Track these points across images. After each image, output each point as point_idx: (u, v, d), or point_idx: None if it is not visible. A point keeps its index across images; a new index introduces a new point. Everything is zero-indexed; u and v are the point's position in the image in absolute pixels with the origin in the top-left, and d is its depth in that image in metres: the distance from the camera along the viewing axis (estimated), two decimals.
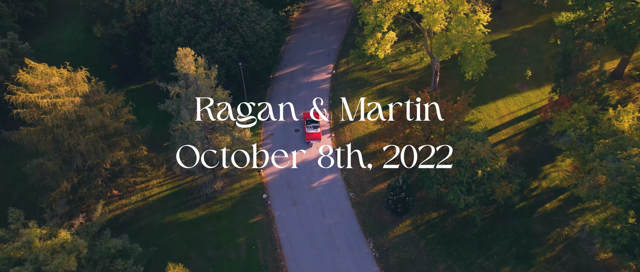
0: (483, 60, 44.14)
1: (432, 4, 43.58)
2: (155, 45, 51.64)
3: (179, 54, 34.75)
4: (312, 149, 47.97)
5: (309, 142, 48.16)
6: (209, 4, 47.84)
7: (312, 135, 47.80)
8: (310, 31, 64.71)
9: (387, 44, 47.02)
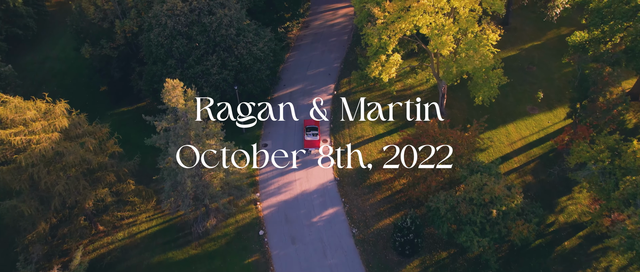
0: (495, 86, 40.61)
1: (440, 26, 40.11)
2: (146, 67, 48.17)
3: (167, 86, 31.23)
4: (311, 179, 44.39)
5: (308, 150, 46.51)
6: (202, 25, 44.37)
7: (311, 142, 46.40)
8: (310, 48, 61.26)
9: (392, 68, 43.49)
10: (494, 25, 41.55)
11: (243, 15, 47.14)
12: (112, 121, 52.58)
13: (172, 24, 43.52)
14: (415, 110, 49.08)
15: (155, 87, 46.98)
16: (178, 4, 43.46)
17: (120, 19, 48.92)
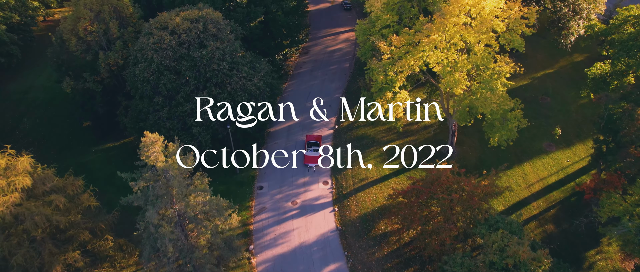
0: (514, 129, 36.12)
1: (453, 62, 35.76)
2: (133, 102, 43.78)
3: (145, 142, 26.65)
4: (310, 228, 39.64)
5: (307, 166, 44.63)
6: (192, 59, 40.02)
7: (311, 158, 44.63)
8: (310, 77, 56.95)
9: (399, 107, 39.07)
10: (507, 57, 37.16)
11: (237, 46, 42.86)
12: (97, 158, 48.12)
13: (159, 59, 39.14)
14: (416, 109, 43.80)
15: (141, 126, 42.49)
16: (166, 37, 39.14)
17: (105, 50, 44.60)
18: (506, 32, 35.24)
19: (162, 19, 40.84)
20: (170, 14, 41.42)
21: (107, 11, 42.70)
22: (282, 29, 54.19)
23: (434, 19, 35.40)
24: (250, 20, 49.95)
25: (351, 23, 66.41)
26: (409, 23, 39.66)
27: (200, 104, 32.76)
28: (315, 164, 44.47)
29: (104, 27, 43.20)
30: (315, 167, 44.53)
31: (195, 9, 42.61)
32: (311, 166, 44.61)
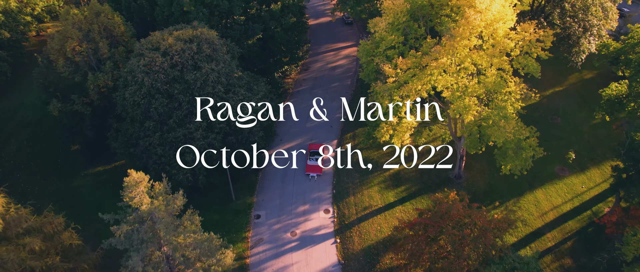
0: (529, 159, 33.38)
1: (463, 87, 33.11)
2: (124, 125, 41.11)
3: (128, 182, 23.92)
4: (311, 262, 36.70)
5: (309, 175, 43.38)
6: (185, 82, 37.39)
7: (312, 167, 43.55)
8: (310, 95, 54.31)
9: (405, 133, 36.38)
10: (516, 77, 34.52)
11: (233, 67, 40.29)
12: (86, 183, 45.33)
13: (150, 82, 36.49)
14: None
15: (131, 151, 39.81)
16: (157, 59, 36.52)
17: (95, 70, 41.98)
18: (520, 56, 32.64)
19: (153, 39, 38.30)
20: (162, 33, 38.89)
21: (96, 30, 40.17)
22: (281, 46, 51.74)
23: (443, 42, 32.85)
24: (248, 38, 47.49)
25: (352, 38, 64.03)
26: (415, 44, 37.12)
27: (200, 104, 33.15)
28: (317, 174, 43.08)
29: (93, 47, 40.63)
30: (317, 177, 43.16)
31: (189, 28, 40.11)
32: (312, 175, 42.97)
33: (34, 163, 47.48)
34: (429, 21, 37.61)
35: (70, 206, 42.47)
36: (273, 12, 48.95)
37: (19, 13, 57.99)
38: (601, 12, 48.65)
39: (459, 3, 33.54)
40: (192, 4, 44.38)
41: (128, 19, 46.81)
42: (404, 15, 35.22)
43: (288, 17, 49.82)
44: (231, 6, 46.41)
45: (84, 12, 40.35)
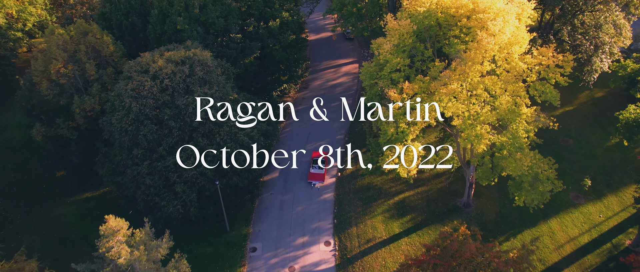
0: (547, 194, 30.59)
1: (475, 114, 30.41)
2: (112, 150, 38.40)
3: (105, 230, 21.13)
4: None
5: (311, 183, 42.36)
6: (176, 107, 34.72)
7: (315, 175, 42.47)
8: (309, 115, 51.66)
9: (412, 162, 33.60)
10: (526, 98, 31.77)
11: (229, 89, 37.67)
12: (72, 211, 42.41)
13: (138, 107, 33.81)
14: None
15: (118, 180, 37.05)
16: (146, 83, 33.87)
17: (82, 92, 39.34)
18: (537, 82, 30.02)
19: (143, 61, 35.72)
20: (152, 55, 36.31)
21: (83, 51, 37.57)
22: (279, 64, 49.23)
23: (453, 66, 30.25)
24: (245, 57, 44.98)
25: (353, 54, 61.60)
26: (422, 66, 34.56)
27: (201, 104, 32.86)
28: (320, 182, 42.18)
29: (80, 69, 38.01)
30: (320, 185, 42.11)
31: (181, 49, 37.56)
32: (314, 183, 41.98)
33: (18, 188, 44.65)
34: (436, 42, 35.08)
35: (53, 237, 39.67)
36: (271, 29, 46.54)
37: (8, 29, 55.56)
38: (613, 29, 46.31)
39: (470, 24, 31.03)
40: (186, 22, 41.90)
41: (119, 38, 44.29)
42: (410, 37, 32.68)
43: (287, 34, 47.41)
44: (227, 24, 43.99)
45: (70, 32, 37.82)
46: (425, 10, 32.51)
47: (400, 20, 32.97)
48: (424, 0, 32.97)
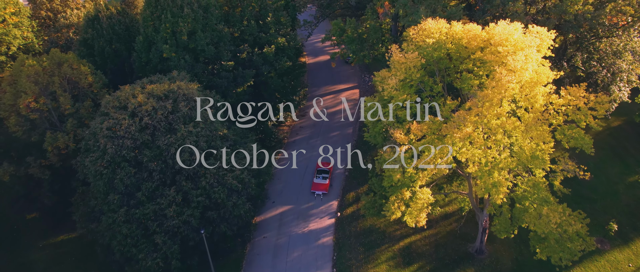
0: (577, 252, 26.49)
1: (493, 160, 26.49)
2: (88, 190, 34.35)
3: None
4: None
5: (314, 193, 41.33)
6: (157, 148, 30.80)
7: (318, 185, 41.62)
8: (307, 146, 47.73)
9: (420, 211, 29.53)
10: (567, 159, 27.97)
11: (217, 124, 33.81)
12: (44, 257, 37.99)
13: (114, 149, 29.88)
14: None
15: (93, 228, 32.91)
16: (123, 122, 30.01)
17: (57, 127, 35.51)
18: (565, 126, 26.20)
19: (122, 95, 31.95)
20: (133, 88, 32.58)
21: (57, 83, 33.86)
22: (275, 92, 45.52)
23: (467, 105, 26.46)
24: (238, 86, 41.31)
25: (353, 78, 58.05)
26: (431, 103, 30.76)
27: (201, 104, 31.37)
28: (323, 192, 41.20)
29: (54, 102, 34.25)
30: (323, 195, 41.04)
31: (165, 80, 33.89)
32: (318, 193, 40.93)
33: None
34: (446, 76, 31.35)
35: None
36: (266, 55, 42.98)
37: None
38: (631, 57, 42.84)
39: (486, 58, 27.33)
40: (173, 50, 38.35)
41: (101, 66, 40.70)
42: (417, 71, 28.95)
43: (283, 60, 43.83)
44: (218, 51, 40.44)
45: (43, 62, 34.15)
46: (435, 41, 28.89)
47: (407, 53, 29.29)
48: (433, 31, 29.38)
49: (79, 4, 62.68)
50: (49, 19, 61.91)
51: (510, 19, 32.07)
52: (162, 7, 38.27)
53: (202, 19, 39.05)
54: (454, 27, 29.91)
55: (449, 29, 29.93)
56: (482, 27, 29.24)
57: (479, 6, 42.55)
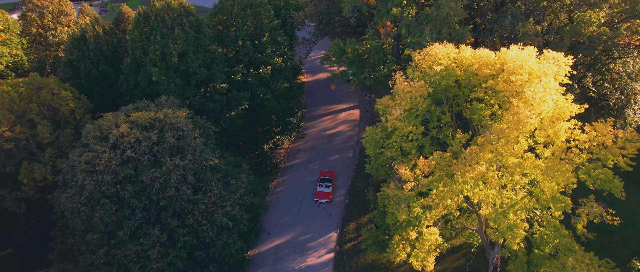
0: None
1: (508, 201, 23.74)
2: (65, 233, 31.49)
3: None
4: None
5: (318, 202, 40.55)
6: (140, 183, 28.06)
7: (322, 194, 40.88)
8: (305, 170, 44.96)
9: (427, 254, 26.65)
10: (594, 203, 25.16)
11: (208, 154, 31.11)
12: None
13: (93, 185, 27.13)
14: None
15: (70, 269, 29.97)
16: (104, 155, 27.31)
17: (36, 156, 32.81)
18: (591, 165, 23.52)
19: (104, 125, 29.28)
20: (116, 116, 29.94)
21: (35, 111, 31.24)
22: (271, 115, 42.93)
23: (481, 142, 23.79)
24: (232, 110, 38.77)
25: (353, 98, 55.51)
26: (438, 134, 28.11)
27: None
28: (326, 200, 40.58)
29: (32, 131, 31.62)
30: (326, 204, 40.42)
31: (152, 107, 31.31)
32: (322, 201, 40.23)
33: None
34: (455, 105, 28.74)
35: None
36: (262, 77, 40.54)
37: None
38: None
39: (499, 88, 24.75)
40: (163, 73, 35.85)
41: (87, 89, 38.23)
42: (424, 101, 26.35)
43: (280, 82, 41.37)
44: (211, 73, 37.96)
45: (19, 88, 31.59)
46: (443, 68, 26.33)
47: (412, 81, 26.71)
48: (440, 56, 26.83)
49: (71, 21, 60.70)
50: (40, 36, 59.82)
51: (521, 41, 29.63)
52: (151, 28, 35.89)
53: (194, 40, 36.67)
54: (463, 52, 27.40)
55: (458, 54, 27.42)
56: (493, 53, 26.73)
57: (485, 25, 40.23)
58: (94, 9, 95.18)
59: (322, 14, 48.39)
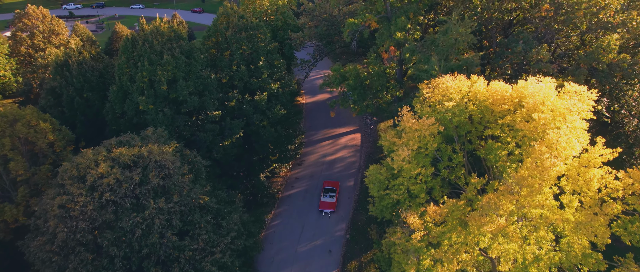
0: None
1: (531, 255, 20.84)
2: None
3: None
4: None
5: (322, 212, 40.11)
6: (120, 229, 25.16)
7: (326, 204, 40.41)
8: (303, 202, 42.03)
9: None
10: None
11: (197, 192, 28.26)
12: None
13: (66, 234, 24.26)
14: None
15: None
16: (79, 199, 24.49)
17: (9, 194, 29.94)
18: (626, 217, 20.72)
19: (82, 163, 26.50)
20: (97, 152, 27.18)
21: (7, 146, 28.51)
22: (267, 143, 40.21)
23: (501, 190, 21.01)
24: (225, 139, 36.08)
25: (354, 121, 52.94)
26: (449, 175, 25.35)
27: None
28: (331, 210, 40.19)
29: (4, 167, 28.83)
30: (330, 214, 39.91)
31: (137, 141, 28.60)
32: (326, 211, 39.82)
33: None
34: (468, 143, 26.04)
35: None
36: (258, 103, 37.94)
37: None
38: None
39: (519, 127, 22.09)
40: (150, 102, 33.24)
41: (70, 119, 35.60)
42: (434, 141, 23.65)
43: (276, 108, 38.76)
44: (203, 101, 35.37)
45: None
46: (455, 104, 23.69)
47: (421, 118, 24.06)
48: (452, 91, 24.23)
49: (63, 40, 58.42)
50: (30, 56, 57.49)
51: (535, 68, 27.06)
52: (139, 54, 33.42)
53: (185, 66, 34.15)
54: (476, 84, 24.82)
55: (471, 87, 24.83)
56: (511, 86, 24.13)
57: (494, 49, 37.81)
58: (89, 27, 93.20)
59: (321, 36, 46.09)
